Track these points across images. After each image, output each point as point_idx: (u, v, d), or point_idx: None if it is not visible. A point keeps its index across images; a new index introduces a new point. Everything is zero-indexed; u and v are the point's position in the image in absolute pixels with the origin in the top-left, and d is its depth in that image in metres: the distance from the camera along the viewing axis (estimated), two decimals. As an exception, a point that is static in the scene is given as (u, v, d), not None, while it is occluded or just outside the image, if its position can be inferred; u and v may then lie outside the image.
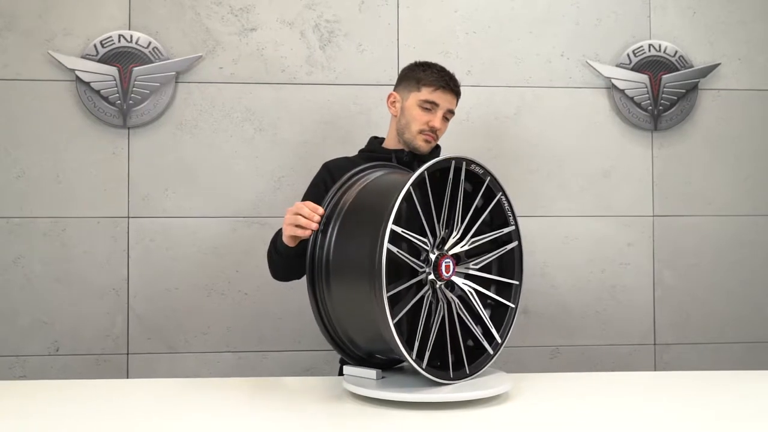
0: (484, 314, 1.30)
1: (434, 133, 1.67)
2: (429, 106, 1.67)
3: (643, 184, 2.31)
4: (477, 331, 1.30)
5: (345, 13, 2.24)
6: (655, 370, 2.30)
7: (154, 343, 2.16)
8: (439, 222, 1.24)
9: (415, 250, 1.27)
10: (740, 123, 2.34)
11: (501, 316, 1.38)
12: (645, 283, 2.31)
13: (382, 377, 1.33)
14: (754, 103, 2.35)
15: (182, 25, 2.19)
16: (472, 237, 1.29)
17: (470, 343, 1.37)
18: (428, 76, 1.67)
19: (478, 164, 1.30)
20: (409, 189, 1.17)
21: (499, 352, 1.36)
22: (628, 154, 2.31)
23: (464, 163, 1.27)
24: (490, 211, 1.36)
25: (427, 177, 1.23)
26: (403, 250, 1.20)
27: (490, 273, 1.37)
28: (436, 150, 1.81)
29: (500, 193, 1.36)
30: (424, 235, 1.25)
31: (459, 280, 1.33)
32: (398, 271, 1.25)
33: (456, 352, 1.30)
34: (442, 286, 1.27)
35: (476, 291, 1.35)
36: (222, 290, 2.18)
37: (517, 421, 1.17)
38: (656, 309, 2.31)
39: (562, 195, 2.29)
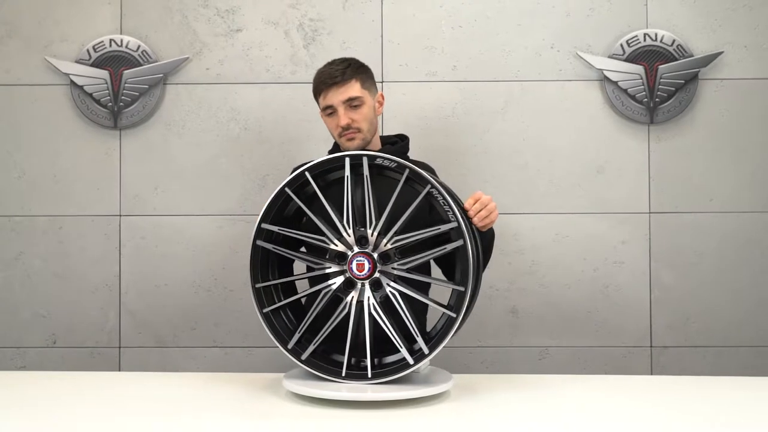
0: (408, 318, 1.25)
1: (349, 129, 1.62)
2: (329, 111, 1.64)
3: (638, 179, 2.22)
4: (394, 334, 1.25)
5: (329, 11, 2.24)
6: (651, 373, 2.20)
7: (144, 337, 2.23)
8: (344, 220, 1.23)
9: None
10: (745, 114, 2.21)
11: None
12: (641, 283, 2.21)
13: None
14: (760, 92, 2.21)
15: (171, 28, 2.24)
16: (394, 235, 1.26)
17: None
18: (314, 87, 1.68)
19: (387, 158, 1.25)
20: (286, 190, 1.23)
21: (421, 363, 1.27)
22: (622, 148, 2.22)
23: (366, 158, 1.24)
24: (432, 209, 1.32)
25: (309, 176, 1.27)
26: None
27: (430, 274, 1.32)
28: (403, 143, 1.78)
29: (428, 186, 1.25)
30: (335, 230, 1.26)
31: (386, 281, 1.29)
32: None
33: (390, 352, 1.29)
34: (366, 285, 1.25)
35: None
36: (208, 287, 2.23)
37: (455, 422, 1.15)
38: (653, 309, 2.21)
39: (552, 191, 2.22)
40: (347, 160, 1.23)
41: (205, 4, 2.25)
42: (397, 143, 1.79)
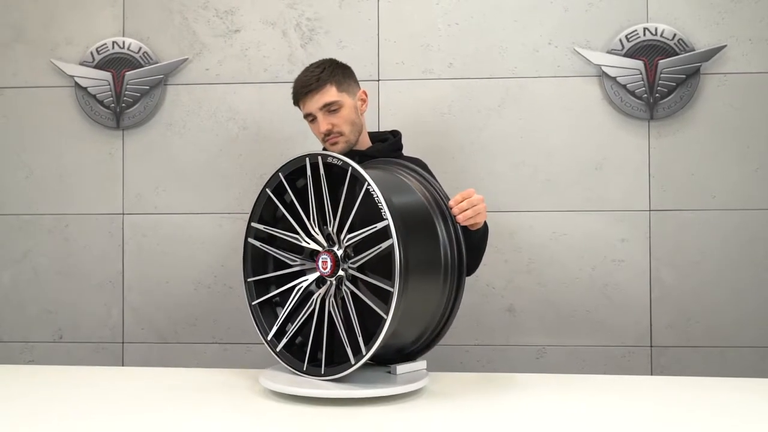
0: (354, 319, 1.23)
1: (330, 134, 1.65)
2: (310, 118, 1.67)
3: (638, 176, 2.18)
4: (342, 332, 1.25)
5: (326, 10, 2.26)
6: (651, 374, 2.17)
7: (146, 333, 2.28)
8: (309, 218, 1.25)
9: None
10: (749, 109, 2.16)
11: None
12: (641, 282, 2.18)
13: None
14: (765, 86, 2.15)
15: (171, 30, 2.28)
16: (346, 233, 1.26)
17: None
18: (293, 96, 1.69)
19: (336, 157, 1.26)
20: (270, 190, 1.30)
21: (360, 362, 1.24)
22: (621, 145, 2.19)
23: (320, 158, 1.26)
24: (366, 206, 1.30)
25: (282, 176, 1.33)
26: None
27: (374, 273, 1.28)
28: (395, 139, 1.79)
29: (366, 184, 1.21)
30: (307, 228, 1.28)
31: (346, 279, 1.29)
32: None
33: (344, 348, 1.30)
34: (332, 282, 1.27)
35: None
36: (208, 284, 2.27)
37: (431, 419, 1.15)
38: (653, 309, 2.18)
39: (550, 189, 2.20)
40: (308, 159, 1.25)
41: (205, 6, 2.28)
42: (389, 140, 1.80)
